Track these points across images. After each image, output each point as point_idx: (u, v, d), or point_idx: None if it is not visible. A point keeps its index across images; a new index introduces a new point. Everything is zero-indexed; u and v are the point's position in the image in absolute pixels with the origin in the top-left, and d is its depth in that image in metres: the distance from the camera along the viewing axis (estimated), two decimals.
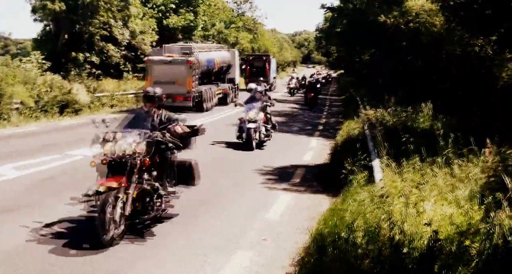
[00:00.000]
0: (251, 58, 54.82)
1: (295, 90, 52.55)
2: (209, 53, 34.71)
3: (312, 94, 37.98)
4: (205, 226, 9.02)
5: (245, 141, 17.70)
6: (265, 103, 18.83)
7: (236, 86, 39.90)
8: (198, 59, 31.10)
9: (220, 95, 35.67)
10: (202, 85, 32.14)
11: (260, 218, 9.72)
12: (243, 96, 28.81)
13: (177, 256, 7.55)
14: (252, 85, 19.95)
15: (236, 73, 39.58)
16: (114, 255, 7.39)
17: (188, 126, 9.11)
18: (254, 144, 17.66)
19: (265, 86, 23.27)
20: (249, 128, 17.55)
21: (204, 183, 10.00)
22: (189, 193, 11.30)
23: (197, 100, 30.39)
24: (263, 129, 18.26)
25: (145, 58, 31.98)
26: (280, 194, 11.76)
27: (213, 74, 35.82)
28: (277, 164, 15.32)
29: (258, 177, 13.48)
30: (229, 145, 18.25)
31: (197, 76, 30.64)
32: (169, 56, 30.24)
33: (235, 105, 20.47)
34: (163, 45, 33.43)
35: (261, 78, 29.70)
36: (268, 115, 19.12)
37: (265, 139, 18.58)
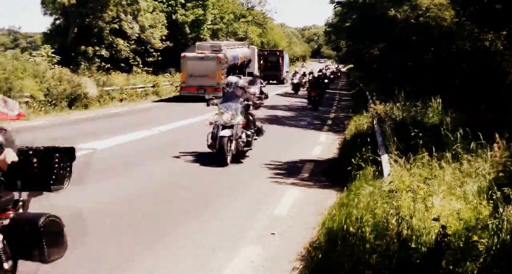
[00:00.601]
0: (266, 53, 57.50)
1: (300, 87, 45.56)
2: (234, 50, 39.25)
3: (317, 91, 32.94)
4: (213, 220, 9.04)
5: (216, 152, 13.84)
6: (246, 102, 14.97)
7: None
8: (226, 55, 35.25)
9: None
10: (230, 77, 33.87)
11: (268, 212, 9.72)
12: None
13: (188, 248, 7.57)
14: (232, 79, 15.80)
15: (255, 67, 44.07)
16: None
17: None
18: (228, 157, 13.77)
19: (261, 83, 21.60)
20: (221, 137, 13.66)
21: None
22: (196, 188, 11.34)
23: None
24: (243, 136, 14.44)
25: (181, 55, 35.38)
26: (289, 188, 11.76)
27: (237, 68, 38.76)
28: (285, 159, 15.31)
29: (266, 171, 13.47)
30: (200, 157, 14.67)
31: (225, 70, 34.15)
32: (201, 53, 34.55)
33: (208, 104, 15.39)
34: (196, 43, 38.77)
35: (254, 73, 34.84)
36: (251, 118, 15.30)
37: (245, 148, 14.79)
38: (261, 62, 54.25)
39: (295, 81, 45.94)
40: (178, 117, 24.14)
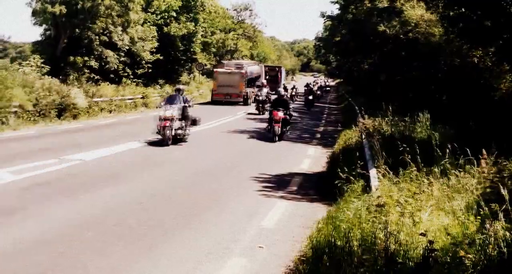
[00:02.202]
0: (267, 68, 64.68)
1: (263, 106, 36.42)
2: (251, 67, 50.77)
3: (282, 112, 29.01)
4: (199, 232, 9.01)
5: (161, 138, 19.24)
6: (183, 104, 20.05)
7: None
8: (246, 71, 46.80)
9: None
10: (247, 88, 46.31)
11: (256, 225, 9.71)
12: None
13: (171, 261, 7.54)
14: (180, 86, 22.20)
15: (262, 81, 48.69)
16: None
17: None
18: (169, 141, 19.00)
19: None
20: (164, 127, 19.04)
21: (200, 189, 9.99)
22: (182, 199, 11.31)
23: (244, 97, 45.47)
24: (175, 125, 19.41)
25: (214, 70, 48.67)
26: (277, 201, 11.75)
27: (252, 81, 49.25)
28: (274, 171, 15.31)
29: (254, 183, 13.46)
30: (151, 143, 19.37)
31: (245, 82, 45.65)
32: (228, 69, 46.30)
33: (158, 106, 23.35)
34: (224, 62, 53.90)
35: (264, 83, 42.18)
36: (187, 114, 20.18)
37: (181, 134, 19.86)
38: (266, 76, 61.02)
39: (261, 98, 36.73)
40: None
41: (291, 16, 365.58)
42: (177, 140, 19.58)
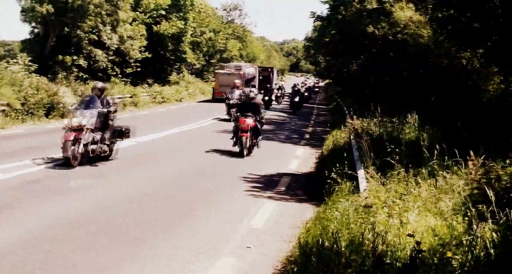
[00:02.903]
0: (260, 69, 66.31)
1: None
2: (248, 69, 54.54)
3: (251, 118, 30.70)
4: (188, 232, 9.01)
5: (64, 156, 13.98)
6: (101, 109, 14.99)
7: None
8: (244, 72, 50.72)
9: None
10: (245, 88, 44.44)
11: (244, 225, 9.72)
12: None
13: (160, 261, 7.53)
14: (98, 84, 15.82)
15: (256, 82, 54.85)
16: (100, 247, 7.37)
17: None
18: (74, 161, 13.89)
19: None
20: (66, 141, 13.88)
21: (188, 189, 9.97)
22: (171, 198, 11.31)
23: None
24: (86, 137, 14.26)
25: (216, 71, 53.83)
26: (265, 201, 11.76)
27: (248, 82, 50.79)
28: (262, 172, 15.32)
29: (243, 184, 13.47)
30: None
31: (243, 82, 45.01)
32: (228, 70, 51.00)
33: (66, 112, 17.04)
34: (224, 64, 58.57)
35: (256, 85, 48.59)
36: (108, 122, 15.32)
37: (98, 150, 14.86)
38: (260, 77, 63.56)
39: (232, 101, 30.53)
40: (165, 126, 24.06)
41: (281, 16, 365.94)
42: (93, 158, 14.71)
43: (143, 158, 16.61)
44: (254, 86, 47.31)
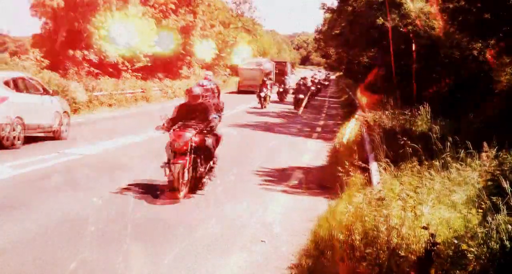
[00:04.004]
0: (275, 63, 69.70)
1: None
2: (266, 64, 58.93)
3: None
4: (202, 226, 9.02)
5: None
6: None
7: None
8: (264, 67, 55.30)
9: None
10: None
11: (258, 219, 9.73)
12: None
13: (174, 255, 7.55)
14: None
15: (273, 75, 57.78)
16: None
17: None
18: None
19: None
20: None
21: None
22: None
23: None
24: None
25: (238, 67, 58.97)
26: (278, 195, 11.77)
27: (266, 75, 50.55)
28: (275, 165, 15.31)
29: (256, 178, 13.47)
30: None
31: (263, 76, 46.19)
32: (250, 66, 55.71)
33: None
34: (248, 60, 63.45)
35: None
36: None
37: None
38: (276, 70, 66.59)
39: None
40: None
41: (291, 9, 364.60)
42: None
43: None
44: (271, 79, 49.56)
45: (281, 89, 44.27)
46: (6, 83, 15.62)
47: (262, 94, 37.19)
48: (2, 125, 14.72)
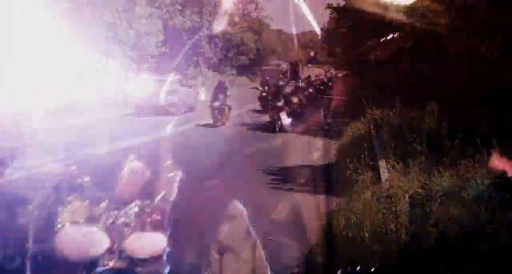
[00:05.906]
0: (289, 64, 75.01)
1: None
2: (282, 65, 65.79)
3: None
4: (207, 223, 9.00)
5: None
6: None
7: None
8: (282, 68, 62.40)
9: None
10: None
11: (266, 217, 9.71)
12: None
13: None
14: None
15: (288, 74, 61.87)
16: None
17: None
18: None
19: None
20: None
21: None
22: (192, 191, 11.30)
23: None
24: None
25: (262, 68, 64.75)
26: (286, 193, 11.75)
27: (283, 74, 57.17)
28: (282, 163, 15.29)
29: (263, 176, 13.45)
30: None
31: (282, 77, 49.96)
32: (270, 67, 62.10)
33: None
34: (269, 63, 70.50)
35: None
36: None
37: None
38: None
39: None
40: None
41: (297, 8, 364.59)
42: None
43: None
44: (286, 77, 54.06)
45: None
46: None
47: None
48: None
